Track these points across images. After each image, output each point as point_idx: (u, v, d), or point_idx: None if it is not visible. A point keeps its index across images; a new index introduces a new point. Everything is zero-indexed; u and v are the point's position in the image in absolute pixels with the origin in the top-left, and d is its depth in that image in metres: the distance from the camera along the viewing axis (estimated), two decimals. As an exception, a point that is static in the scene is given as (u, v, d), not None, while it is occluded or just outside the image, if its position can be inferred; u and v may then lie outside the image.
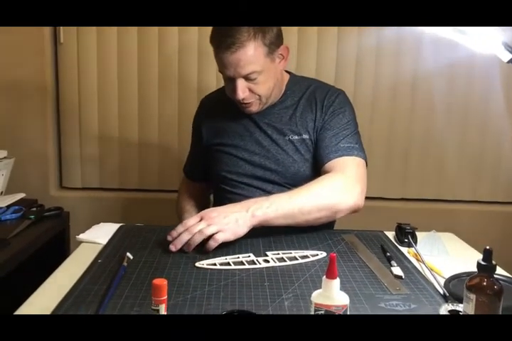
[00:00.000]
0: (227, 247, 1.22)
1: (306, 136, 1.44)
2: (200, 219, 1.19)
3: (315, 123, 1.45)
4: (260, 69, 1.34)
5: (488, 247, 0.83)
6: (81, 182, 2.31)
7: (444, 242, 1.32)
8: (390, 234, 1.37)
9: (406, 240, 1.29)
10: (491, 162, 2.20)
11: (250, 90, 1.37)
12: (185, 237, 1.17)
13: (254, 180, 1.47)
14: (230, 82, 1.37)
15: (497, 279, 0.84)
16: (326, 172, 1.36)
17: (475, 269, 0.84)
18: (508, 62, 0.97)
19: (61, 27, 2.12)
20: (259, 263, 1.13)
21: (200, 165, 1.63)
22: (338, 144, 1.40)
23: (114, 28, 2.14)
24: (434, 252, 1.26)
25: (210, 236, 1.16)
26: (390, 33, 2.08)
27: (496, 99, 2.13)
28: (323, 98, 1.46)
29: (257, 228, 1.23)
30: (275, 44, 1.36)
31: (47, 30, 2.12)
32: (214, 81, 2.12)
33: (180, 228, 1.18)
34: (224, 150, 1.50)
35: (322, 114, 1.44)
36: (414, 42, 2.10)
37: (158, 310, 0.80)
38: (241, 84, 1.35)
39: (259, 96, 1.40)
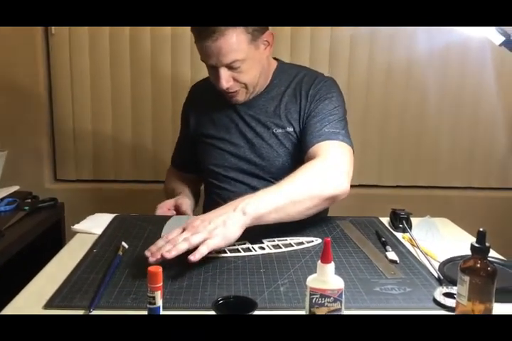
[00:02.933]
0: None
1: (290, 129, 1.41)
2: (183, 231, 1.04)
3: (300, 113, 1.40)
4: (243, 57, 1.31)
5: (481, 229, 0.84)
6: (75, 174, 2.30)
7: (439, 227, 1.32)
8: (385, 220, 1.38)
9: (401, 225, 1.29)
10: (484, 148, 2.21)
11: (234, 79, 1.34)
12: (166, 248, 0.99)
13: (240, 174, 1.45)
14: (213, 71, 1.34)
15: (491, 261, 0.85)
16: (309, 158, 1.28)
17: (469, 253, 0.84)
18: (500, 45, 0.97)
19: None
20: (255, 251, 1.13)
21: (188, 156, 1.60)
22: (323, 129, 1.33)
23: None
24: (428, 237, 1.26)
25: (196, 248, 1.00)
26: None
27: (488, 84, 2.13)
28: (309, 87, 1.41)
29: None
30: (258, 31, 1.32)
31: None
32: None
33: (160, 242, 1.02)
34: (211, 142, 1.48)
35: (307, 103, 1.40)
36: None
37: (153, 297, 0.80)
38: (224, 73, 1.32)
39: (245, 84, 1.37)
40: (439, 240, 1.26)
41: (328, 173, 1.21)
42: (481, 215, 2.15)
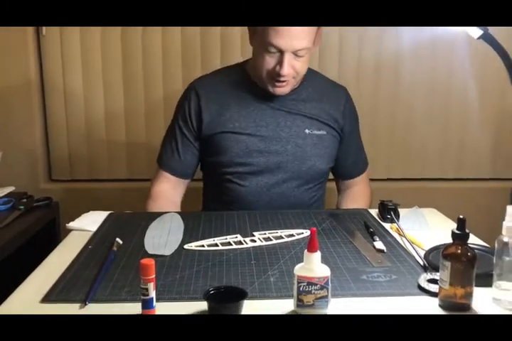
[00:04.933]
0: (215, 230, 1.25)
1: (323, 132, 1.47)
2: None
3: (337, 123, 1.50)
4: (310, 46, 1.34)
5: (461, 216, 0.87)
6: (70, 174, 2.32)
7: (426, 217, 1.35)
8: (374, 212, 1.41)
9: (388, 216, 1.32)
10: (473, 140, 2.24)
11: (293, 67, 1.35)
12: None
13: (267, 171, 1.44)
14: (275, 56, 1.33)
15: (471, 247, 0.88)
16: (354, 182, 1.61)
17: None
18: (479, 38, 1.00)
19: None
20: (246, 243, 1.16)
21: (187, 156, 1.49)
22: (363, 158, 1.62)
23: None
24: (415, 227, 1.29)
25: None
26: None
27: (473, 75, 2.15)
28: (342, 101, 1.52)
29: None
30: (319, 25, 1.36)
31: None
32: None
33: None
34: (237, 137, 1.43)
35: (342, 116, 1.51)
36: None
37: (147, 289, 0.83)
38: (289, 59, 1.32)
39: (297, 75, 1.38)
40: (426, 229, 1.29)
41: (371, 198, 1.61)
42: (470, 205, 2.17)
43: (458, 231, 0.86)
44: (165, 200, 1.50)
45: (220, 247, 1.14)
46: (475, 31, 0.99)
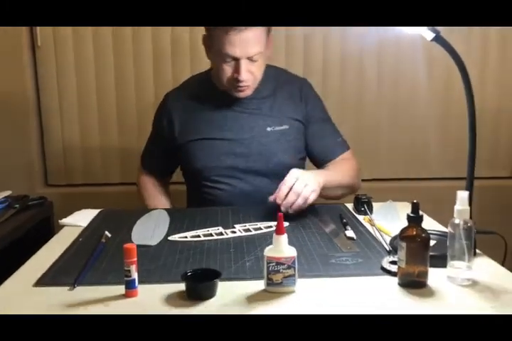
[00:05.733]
0: (199, 224, 1.33)
1: (285, 127, 1.54)
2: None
3: (298, 114, 1.56)
4: (263, 50, 1.42)
5: (415, 201, 0.95)
6: (66, 178, 2.39)
7: (399, 210, 1.43)
8: (350, 207, 1.49)
9: (362, 209, 1.40)
10: (455, 140, 2.32)
11: (250, 72, 1.44)
12: (292, 198, 1.28)
13: (236, 171, 1.52)
14: (231, 64, 1.41)
15: (425, 229, 0.96)
16: (335, 162, 1.58)
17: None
18: (432, 40, 1.08)
19: (38, 29, 2.19)
20: (227, 234, 1.24)
21: (165, 163, 1.66)
22: (337, 141, 1.60)
23: (90, 28, 2.22)
24: (388, 219, 1.37)
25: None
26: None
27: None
28: (298, 90, 1.58)
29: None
30: (269, 27, 1.45)
31: (24, 34, 2.20)
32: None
33: (285, 189, 1.28)
34: (204, 144, 1.53)
35: (302, 105, 1.56)
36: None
37: (129, 271, 0.91)
38: (245, 65, 1.40)
39: (255, 77, 1.47)
40: (397, 221, 1.36)
41: (358, 173, 1.57)
42: (440, 201, 2.25)
43: (412, 215, 0.94)
44: (146, 191, 1.69)
45: (202, 238, 1.22)
46: (428, 34, 1.08)
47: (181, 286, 0.93)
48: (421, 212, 0.95)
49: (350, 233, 1.22)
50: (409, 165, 2.36)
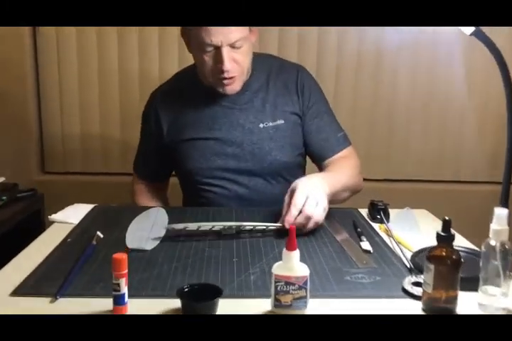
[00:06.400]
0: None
1: (280, 122, 1.41)
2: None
3: (294, 106, 1.42)
4: (245, 35, 1.29)
5: (447, 218, 0.84)
6: (63, 166, 2.30)
7: (417, 219, 1.32)
8: (364, 212, 1.38)
9: (378, 216, 1.29)
10: (472, 142, 2.21)
11: (235, 61, 1.31)
12: (302, 221, 1.13)
13: (228, 173, 1.40)
14: (214, 54, 1.29)
15: (457, 250, 0.85)
16: (332, 161, 1.43)
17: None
18: (471, 34, 0.97)
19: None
20: (231, 229, 1.15)
21: (158, 165, 1.52)
22: (338, 136, 1.45)
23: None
24: (405, 228, 1.26)
25: None
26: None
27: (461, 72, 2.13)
28: (294, 79, 1.43)
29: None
30: None
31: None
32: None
33: (294, 211, 1.12)
34: (193, 144, 1.41)
35: (298, 96, 1.43)
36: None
37: (118, 284, 0.80)
38: (227, 53, 1.27)
39: (241, 68, 1.33)
40: (417, 231, 1.26)
41: (359, 173, 1.44)
42: (464, 209, 2.15)
43: (443, 233, 0.83)
44: (142, 197, 1.55)
45: (203, 228, 1.13)
46: (467, 28, 0.96)
47: (177, 302, 0.82)
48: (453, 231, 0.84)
49: (365, 245, 1.11)
50: (444, 166, 2.25)
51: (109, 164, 2.29)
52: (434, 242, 1.10)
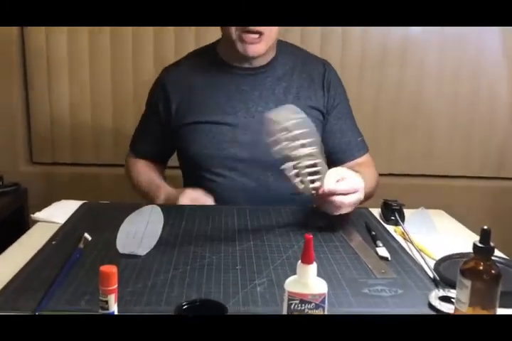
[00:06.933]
0: (199, 226, 1.12)
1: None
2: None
3: (318, 101, 1.34)
4: None
5: (485, 227, 0.73)
6: (52, 157, 2.18)
7: (434, 220, 1.22)
8: (376, 212, 1.27)
9: (393, 218, 1.19)
10: (481, 136, 2.11)
11: None
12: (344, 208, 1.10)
13: (240, 163, 1.30)
14: None
15: (494, 262, 0.74)
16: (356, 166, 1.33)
17: (467, 249, 0.75)
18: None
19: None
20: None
21: (161, 145, 1.43)
22: (357, 140, 1.39)
23: None
24: (422, 230, 1.16)
25: None
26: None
27: (488, 68, 2.03)
28: (321, 73, 1.36)
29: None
30: None
31: None
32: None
33: (344, 185, 1.08)
34: (203, 128, 1.30)
35: (323, 93, 1.35)
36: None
37: (106, 302, 0.69)
38: None
39: (270, 29, 1.22)
40: (434, 234, 1.16)
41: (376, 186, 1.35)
42: (480, 207, 2.05)
43: (481, 245, 0.72)
44: (146, 166, 1.45)
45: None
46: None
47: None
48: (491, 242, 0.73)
49: (382, 251, 1.00)
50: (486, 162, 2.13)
51: (101, 155, 2.17)
52: (455, 247, 1.01)
